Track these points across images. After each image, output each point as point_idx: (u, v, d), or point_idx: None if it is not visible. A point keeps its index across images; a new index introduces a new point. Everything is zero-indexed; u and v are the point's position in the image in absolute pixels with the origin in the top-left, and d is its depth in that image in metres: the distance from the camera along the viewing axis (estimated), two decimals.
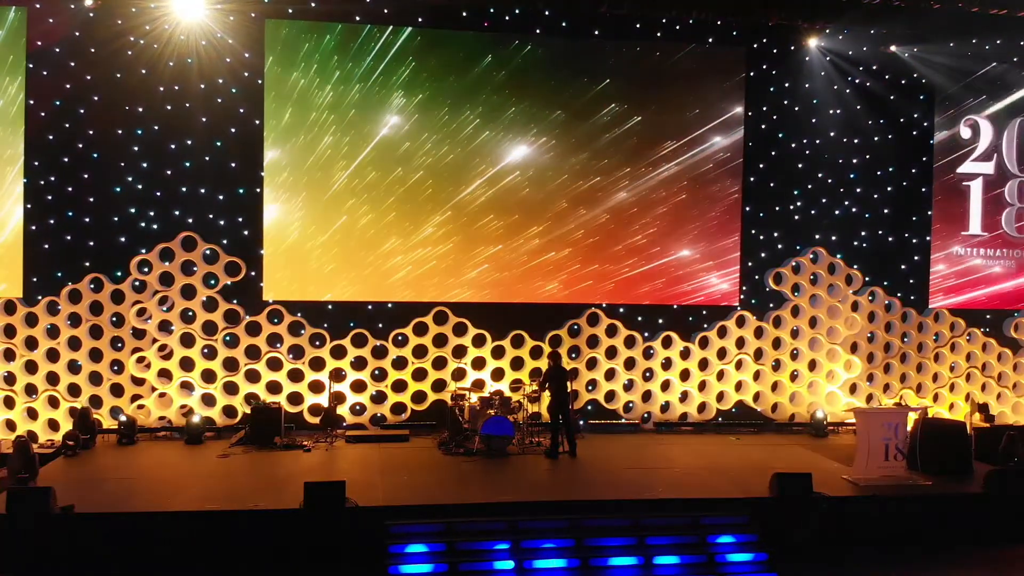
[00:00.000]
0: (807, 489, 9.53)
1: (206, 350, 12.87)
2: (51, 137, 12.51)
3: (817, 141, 14.39)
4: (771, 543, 8.99)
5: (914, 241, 14.77)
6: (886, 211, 14.64)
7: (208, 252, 12.90)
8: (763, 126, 14.24)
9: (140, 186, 12.78)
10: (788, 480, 9.56)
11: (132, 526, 8.53)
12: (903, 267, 14.75)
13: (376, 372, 13.25)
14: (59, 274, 12.59)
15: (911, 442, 10.88)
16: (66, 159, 12.57)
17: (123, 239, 12.78)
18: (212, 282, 12.92)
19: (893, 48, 14.38)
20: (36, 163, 12.49)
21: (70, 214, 12.62)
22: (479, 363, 13.51)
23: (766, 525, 9.17)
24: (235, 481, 10.08)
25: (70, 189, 12.61)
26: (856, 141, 14.50)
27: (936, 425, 11.56)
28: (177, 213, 12.88)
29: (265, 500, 9.05)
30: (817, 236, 14.45)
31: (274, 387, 12.97)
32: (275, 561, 8.49)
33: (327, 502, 8.66)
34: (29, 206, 12.47)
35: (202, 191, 12.93)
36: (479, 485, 10.17)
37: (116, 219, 12.75)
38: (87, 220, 12.68)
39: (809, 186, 14.44)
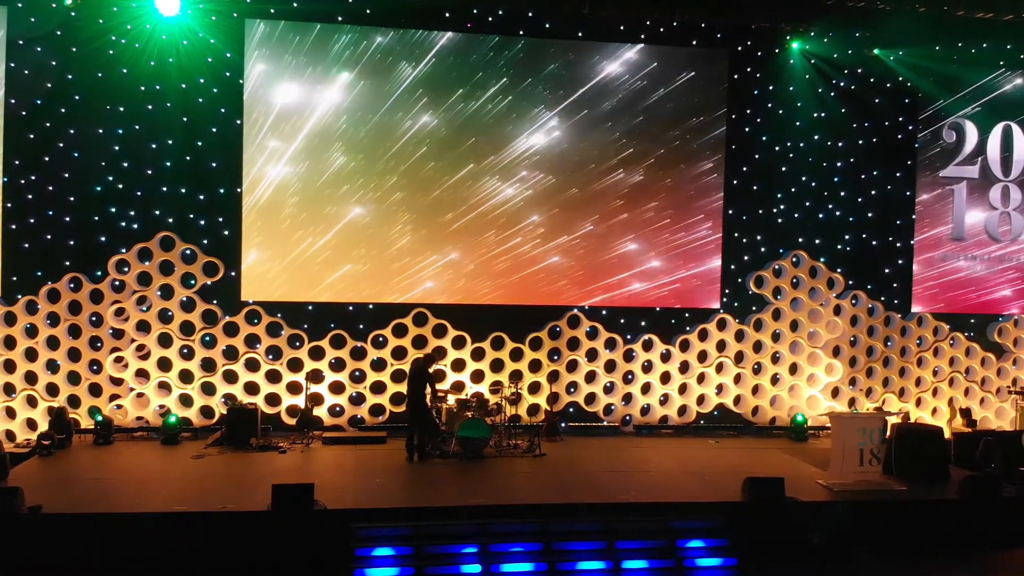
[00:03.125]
0: (779, 493, 9.52)
1: (185, 350, 12.85)
2: (31, 136, 12.48)
3: (801, 144, 14.35)
4: (742, 547, 8.96)
5: (898, 245, 14.72)
6: (870, 214, 14.60)
7: (187, 252, 12.88)
8: (746, 129, 14.20)
9: (120, 185, 12.76)
10: (760, 484, 9.54)
11: (100, 527, 8.47)
12: (887, 271, 14.71)
13: (357, 373, 13.23)
14: (39, 273, 12.56)
15: (887, 447, 10.86)
16: (47, 158, 12.54)
17: (103, 238, 12.76)
18: (191, 282, 12.90)
19: (877, 51, 14.32)
20: (16, 162, 12.47)
21: (50, 213, 12.59)
22: (459, 365, 13.48)
23: (737, 530, 9.13)
24: (208, 482, 10.04)
25: (50, 188, 12.59)
26: (840, 144, 14.46)
27: (912, 430, 11.53)
28: (157, 213, 12.86)
29: (236, 501, 9.01)
30: (800, 239, 14.42)
31: (252, 388, 12.95)
32: (241, 563, 8.44)
33: (295, 504, 8.64)
34: (9, 205, 12.45)
35: (182, 191, 12.90)
36: (451, 488, 10.12)
37: (96, 218, 12.74)
38: (67, 219, 12.66)
39: (793, 189, 14.40)
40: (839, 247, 14.54)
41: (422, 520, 8.89)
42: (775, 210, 14.36)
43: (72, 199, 12.66)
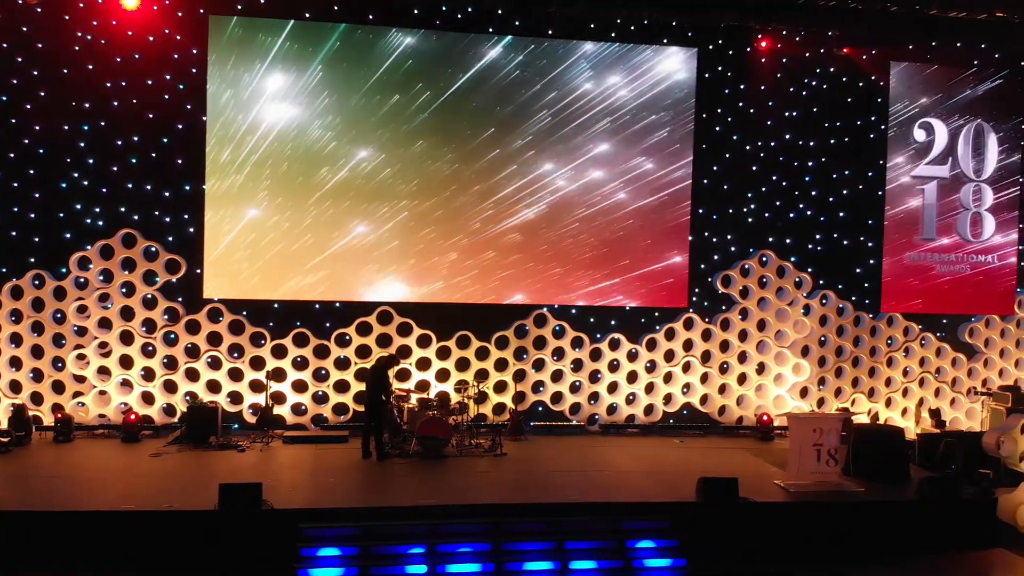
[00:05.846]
0: (733, 494, 9.49)
1: (149, 347, 12.82)
2: None
3: (772, 143, 14.29)
4: (693, 548, 8.93)
5: (869, 244, 14.66)
6: (841, 214, 14.55)
7: (151, 249, 12.83)
8: (716, 128, 14.14)
9: (86, 182, 12.71)
10: (713, 485, 9.51)
11: (47, 525, 8.43)
12: (857, 271, 14.66)
13: (323, 372, 13.19)
14: (3, 270, 12.54)
15: (846, 448, 10.83)
16: (12, 155, 12.50)
17: (68, 235, 12.72)
18: (154, 279, 12.85)
19: (848, 50, 14.26)
20: None
21: (15, 209, 12.56)
22: (424, 364, 13.44)
23: (689, 530, 9.10)
24: (161, 480, 10.01)
25: (15, 185, 12.55)
26: (811, 144, 14.41)
27: (871, 431, 11.53)
28: (123, 210, 12.81)
29: (187, 500, 8.96)
30: (771, 239, 14.37)
31: (213, 386, 12.91)
32: (187, 563, 8.41)
33: (242, 503, 8.61)
34: None
35: (148, 187, 12.86)
36: (406, 487, 10.09)
37: (61, 215, 12.70)
38: (32, 216, 12.62)
39: (763, 189, 14.35)
40: (810, 247, 14.48)
41: (372, 520, 8.86)
42: (745, 210, 14.30)
43: (37, 196, 12.61)
